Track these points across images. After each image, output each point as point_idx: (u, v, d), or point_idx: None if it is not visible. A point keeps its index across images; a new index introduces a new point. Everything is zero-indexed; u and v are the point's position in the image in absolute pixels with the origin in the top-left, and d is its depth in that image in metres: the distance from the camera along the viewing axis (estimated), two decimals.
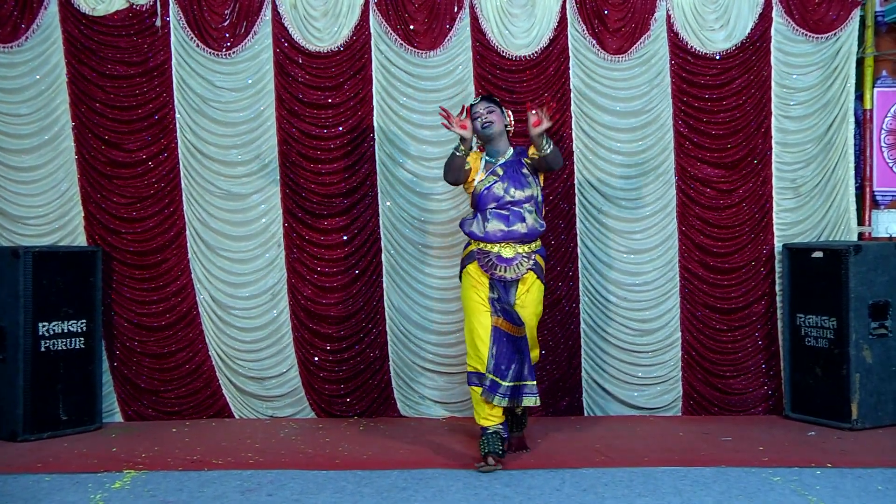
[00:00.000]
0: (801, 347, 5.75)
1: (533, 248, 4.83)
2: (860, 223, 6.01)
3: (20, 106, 5.73)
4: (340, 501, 4.17)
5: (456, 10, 5.82)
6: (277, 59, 5.80)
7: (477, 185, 4.83)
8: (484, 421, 4.76)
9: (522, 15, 5.83)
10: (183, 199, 5.81)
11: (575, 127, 5.87)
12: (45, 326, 5.36)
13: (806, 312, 5.71)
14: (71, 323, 5.47)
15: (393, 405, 5.95)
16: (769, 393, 5.96)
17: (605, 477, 4.53)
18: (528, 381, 4.71)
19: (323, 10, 5.79)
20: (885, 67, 6.08)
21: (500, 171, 4.82)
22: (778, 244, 5.91)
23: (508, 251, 4.77)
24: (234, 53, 5.78)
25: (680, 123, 5.89)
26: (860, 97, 6.02)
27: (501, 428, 4.77)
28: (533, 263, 4.81)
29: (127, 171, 5.78)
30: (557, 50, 5.85)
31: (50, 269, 5.37)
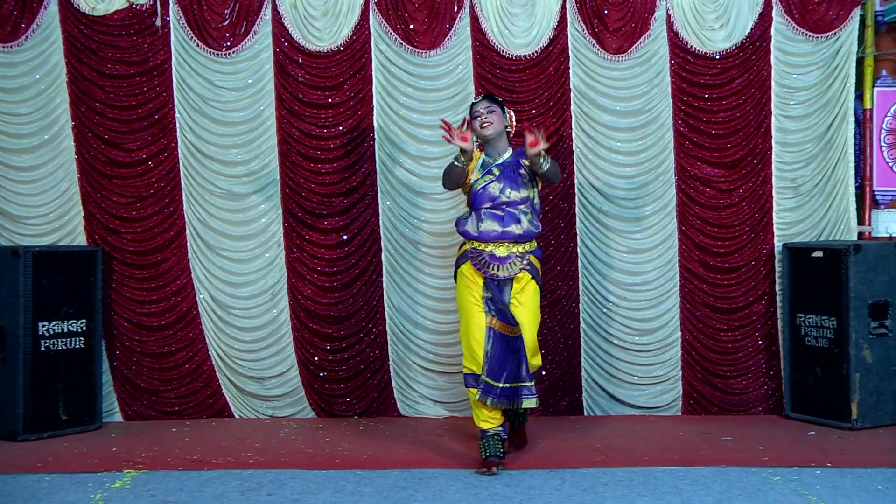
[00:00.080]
0: (801, 347, 5.75)
1: (527, 248, 4.76)
2: (860, 223, 6.01)
3: (20, 105, 5.71)
4: (340, 501, 4.17)
5: (456, 9, 5.81)
6: (277, 58, 5.79)
7: (473, 183, 4.76)
8: (483, 423, 4.72)
9: (522, 14, 5.83)
10: (183, 198, 5.81)
11: (575, 126, 5.87)
12: (44, 326, 5.35)
13: (806, 312, 5.71)
14: (71, 323, 5.46)
15: (393, 405, 5.94)
16: (769, 392, 5.96)
17: (605, 477, 4.53)
18: (525, 381, 4.64)
19: (323, 9, 5.78)
20: (885, 67, 6.07)
21: (496, 171, 4.75)
22: (778, 244, 5.91)
23: (502, 250, 4.71)
24: (233, 53, 5.77)
25: (680, 123, 5.89)
26: (860, 97, 6.01)
27: (501, 430, 4.74)
28: (527, 263, 4.74)
29: (127, 170, 5.77)
30: (557, 49, 5.84)
31: (50, 268, 5.37)
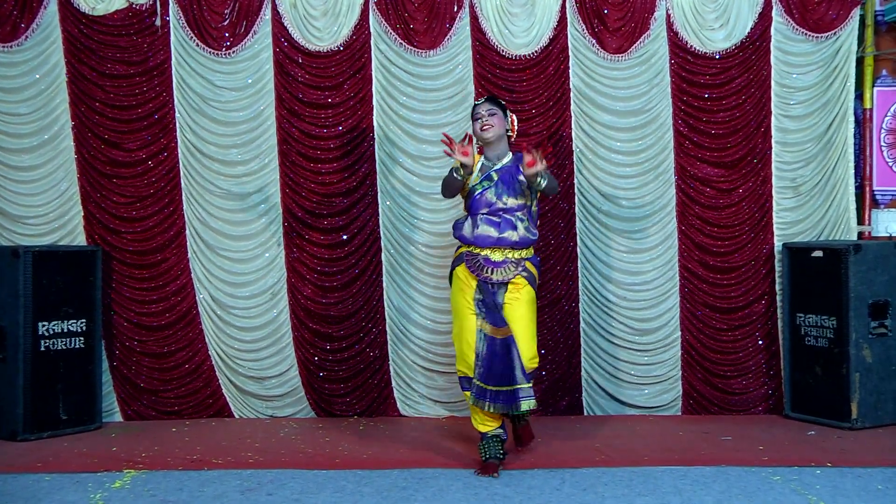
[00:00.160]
0: (800, 347, 5.75)
1: (524, 254, 4.68)
2: (860, 222, 6.01)
3: (20, 105, 5.72)
4: (340, 501, 4.17)
5: (456, 9, 5.81)
6: (277, 58, 5.79)
7: (471, 188, 4.70)
8: (481, 426, 4.69)
9: (522, 14, 5.83)
10: (183, 198, 5.81)
11: (575, 126, 5.87)
12: (44, 326, 5.35)
13: (806, 312, 5.71)
14: (71, 322, 5.47)
15: (393, 405, 5.95)
16: (769, 392, 5.96)
17: (605, 476, 4.53)
18: (521, 384, 4.54)
19: (323, 9, 5.78)
20: (884, 67, 6.08)
21: (494, 175, 4.67)
22: (778, 243, 5.91)
23: (497, 255, 4.63)
24: (233, 53, 5.77)
25: (680, 123, 5.89)
26: (860, 96, 6.01)
27: (501, 431, 4.72)
28: (522, 269, 4.65)
29: (127, 170, 5.78)
30: (557, 49, 5.84)
31: (50, 268, 5.37)
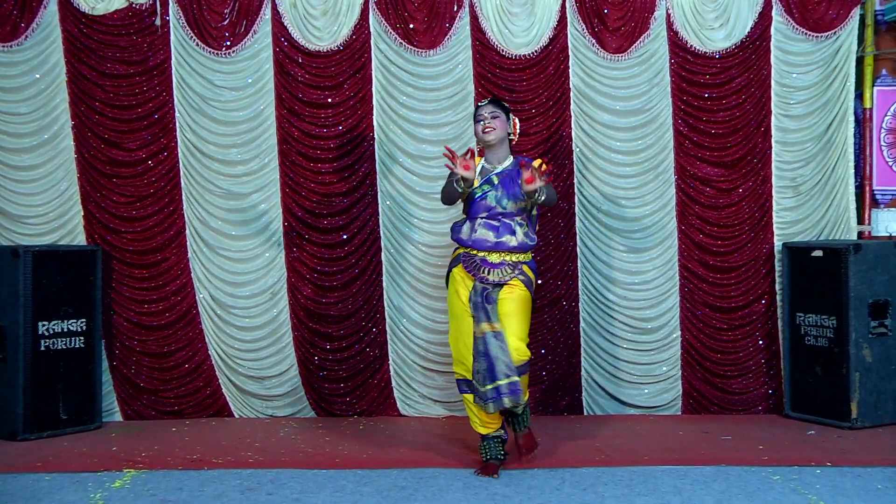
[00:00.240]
0: (800, 346, 5.75)
1: (521, 258, 4.63)
2: (860, 222, 6.01)
3: (20, 105, 5.72)
4: (340, 500, 4.17)
5: (455, 9, 5.81)
6: (277, 58, 5.79)
7: (470, 191, 4.64)
8: (481, 428, 4.65)
9: (522, 14, 5.83)
10: (183, 198, 5.81)
11: (574, 126, 5.87)
12: (44, 326, 5.35)
13: (806, 311, 5.71)
14: (71, 322, 5.47)
15: (393, 404, 5.95)
16: (769, 392, 5.96)
17: (605, 476, 4.53)
18: (501, 380, 4.41)
19: (322, 9, 5.78)
20: (884, 66, 6.08)
21: (495, 179, 4.62)
22: (778, 243, 5.92)
23: (495, 257, 4.58)
24: (233, 52, 5.77)
25: (679, 122, 5.89)
26: (860, 96, 6.02)
27: (502, 432, 4.70)
28: (519, 272, 4.59)
29: (127, 170, 5.78)
30: (557, 49, 5.84)
31: (50, 268, 5.37)
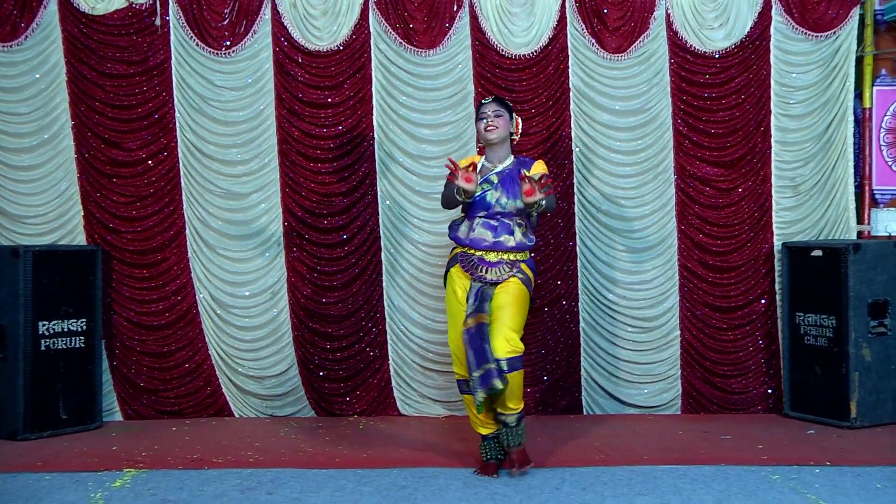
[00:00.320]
0: (800, 346, 5.76)
1: (520, 257, 4.61)
2: (859, 222, 6.02)
3: (20, 105, 5.71)
4: (340, 500, 4.18)
5: (455, 8, 5.82)
6: (277, 58, 5.80)
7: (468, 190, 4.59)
8: (481, 428, 4.63)
9: (522, 14, 5.84)
10: (183, 198, 5.81)
11: (574, 126, 5.88)
12: (45, 325, 5.35)
13: (805, 311, 5.72)
14: (71, 322, 5.47)
15: (392, 404, 5.95)
16: (768, 391, 5.96)
17: (604, 476, 4.53)
18: (474, 371, 4.33)
19: (322, 8, 5.79)
20: (884, 66, 6.08)
21: (494, 178, 4.59)
22: (777, 243, 5.92)
23: (492, 256, 4.56)
24: (233, 52, 5.77)
25: (679, 122, 5.90)
26: (859, 96, 6.02)
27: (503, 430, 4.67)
28: (518, 270, 4.56)
29: (127, 170, 5.78)
30: (557, 49, 5.85)
31: (50, 268, 5.37)
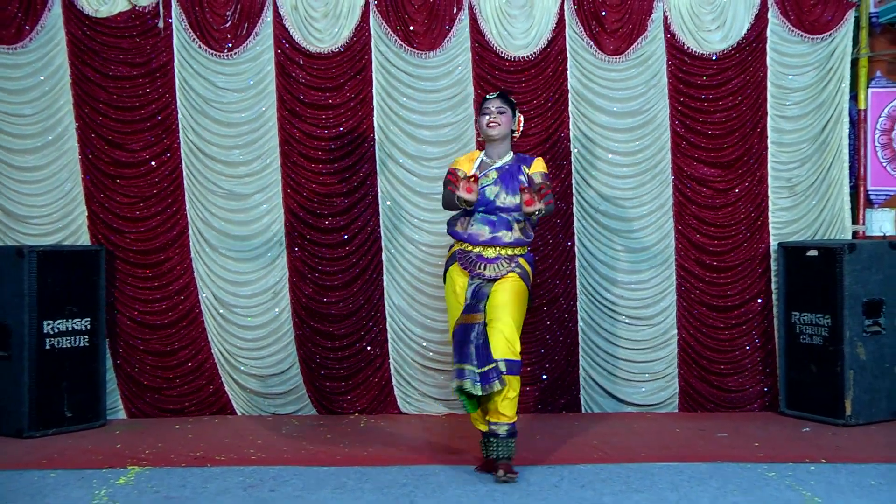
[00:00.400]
0: (796, 345, 5.79)
1: (518, 252, 4.59)
2: (854, 222, 6.05)
3: (24, 106, 5.74)
4: (341, 497, 4.20)
5: (455, 11, 5.85)
6: (278, 60, 5.82)
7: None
8: (482, 426, 4.61)
9: (521, 16, 5.86)
10: (185, 198, 5.83)
11: (573, 127, 5.90)
12: (49, 325, 5.38)
13: (801, 310, 5.75)
14: (75, 321, 5.49)
15: (393, 402, 5.97)
16: (765, 390, 6.00)
17: (602, 473, 4.56)
18: (469, 365, 4.32)
19: (323, 11, 5.82)
20: (879, 68, 6.13)
21: (494, 174, 4.58)
22: (773, 243, 5.95)
23: (490, 252, 4.54)
24: (235, 54, 5.80)
25: (677, 123, 5.93)
26: (855, 97, 6.06)
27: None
28: (516, 265, 4.55)
29: (130, 170, 5.80)
30: (555, 51, 5.88)
31: (54, 268, 5.40)
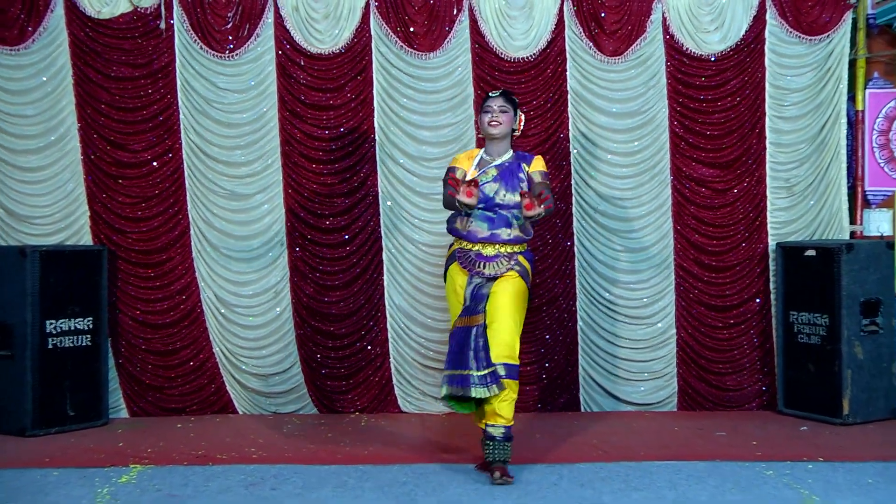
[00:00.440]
0: (794, 344, 5.81)
1: (517, 249, 4.58)
2: (852, 222, 6.06)
3: (27, 107, 5.75)
4: (342, 496, 4.22)
5: (455, 12, 5.87)
6: (279, 61, 5.84)
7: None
8: (483, 424, 4.58)
9: (521, 17, 5.88)
10: (187, 198, 5.85)
11: (572, 128, 5.92)
12: (52, 324, 5.40)
13: (799, 310, 5.77)
14: (77, 321, 5.51)
15: (394, 401, 5.99)
16: (763, 389, 6.02)
17: (602, 471, 4.57)
18: (472, 370, 4.32)
19: (324, 12, 5.83)
20: (876, 69, 6.13)
21: (493, 171, 4.58)
22: (772, 243, 5.97)
23: (489, 249, 4.53)
24: (236, 56, 5.81)
25: (675, 124, 5.95)
26: (852, 98, 6.06)
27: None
28: (515, 263, 4.54)
29: (132, 171, 5.82)
30: (555, 52, 5.90)
31: (57, 267, 5.41)
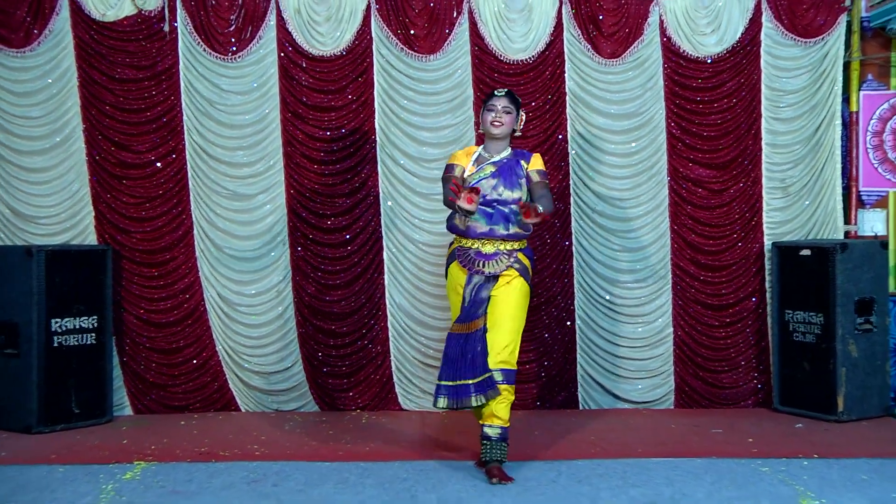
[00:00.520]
0: (789, 342, 5.84)
1: (516, 246, 4.53)
2: (847, 222, 6.08)
3: (32, 109, 5.79)
4: (343, 492, 4.24)
5: (455, 15, 5.90)
6: (282, 63, 5.87)
7: (467, 178, 4.54)
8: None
9: (520, 20, 5.91)
10: (190, 199, 5.88)
11: (570, 129, 5.95)
12: (57, 323, 5.43)
13: (794, 308, 5.80)
14: (82, 319, 5.54)
15: (394, 399, 6.03)
16: (758, 387, 6.05)
17: (599, 468, 4.59)
18: (468, 379, 4.30)
19: (326, 15, 5.86)
20: (870, 71, 6.15)
21: (491, 167, 4.55)
22: (767, 242, 6.00)
23: (489, 247, 4.50)
24: (239, 58, 5.85)
25: (672, 125, 5.98)
26: (847, 100, 6.09)
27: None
28: (514, 260, 4.50)
29: (136, 171, 5.85)
30: (553, 54, 5.93)
31: (62, 267, 5.45)
